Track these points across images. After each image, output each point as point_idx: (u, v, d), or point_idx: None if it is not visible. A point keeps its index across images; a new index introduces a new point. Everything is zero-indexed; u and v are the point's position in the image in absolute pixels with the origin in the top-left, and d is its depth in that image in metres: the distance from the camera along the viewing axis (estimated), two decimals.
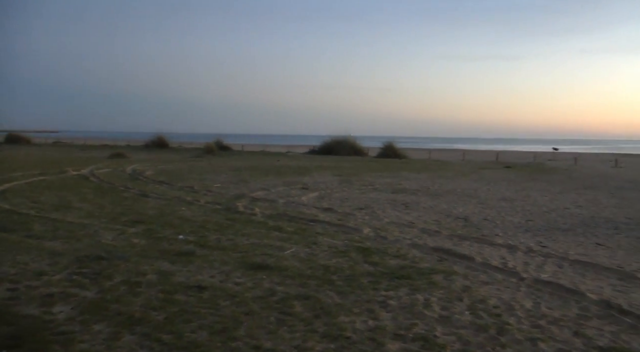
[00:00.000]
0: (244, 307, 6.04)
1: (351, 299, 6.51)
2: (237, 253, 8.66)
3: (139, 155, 40.07)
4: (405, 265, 8.24)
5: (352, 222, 12.10)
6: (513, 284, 7.55)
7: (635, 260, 9.55)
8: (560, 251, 10.01)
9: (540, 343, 5.39)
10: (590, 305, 6.74)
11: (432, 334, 5.47)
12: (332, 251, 9.09)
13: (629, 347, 5.43)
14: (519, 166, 37.32)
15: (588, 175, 30.29)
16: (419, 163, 38.73)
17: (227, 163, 32.94)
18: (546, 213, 14.97)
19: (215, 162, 33.58)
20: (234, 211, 13.04)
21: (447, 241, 10.43)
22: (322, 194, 17.52)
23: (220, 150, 50.33)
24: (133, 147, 56.63)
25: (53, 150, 49.83)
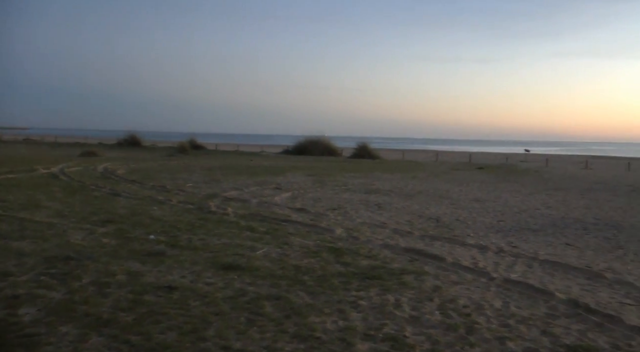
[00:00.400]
0: (214, 308, 6.02)
1: (322, 299, 6.52)
2: (209, 253, 8.62)
3: (111, 154, 39.74)
4: (377, 265, 8.28)
5: (324, 222, 12.12)
6: (483, 284, 7.63)
7: (602, 260, 9.72)
8: (530, 251, 10.15)
9: (508, 342, 5.46)
10: (559, 304, 6.85)
11: (402, 334, 5.51)
12: (304, 251, 9.09)
13: (595, 345, 5.53)
14: (491, 167, 37.69)
15: (559, 176, 30.70)
16: (392, 164, 38.91)
17: (200, 162, 32.79)
18: (517, 214, 15.15)
19: (189, 162, 33.41)
20: (206, 211, 12.98)
21: (419, 242, 10.49)
22: (295, 194, 17.52)
23: (193, 150, 50.11)
24: (105, 146, 56.06)
25: (23, 147, 49.16)
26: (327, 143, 50.44)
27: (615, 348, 5.48)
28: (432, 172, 30.29)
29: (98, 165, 26.66)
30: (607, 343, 5.60)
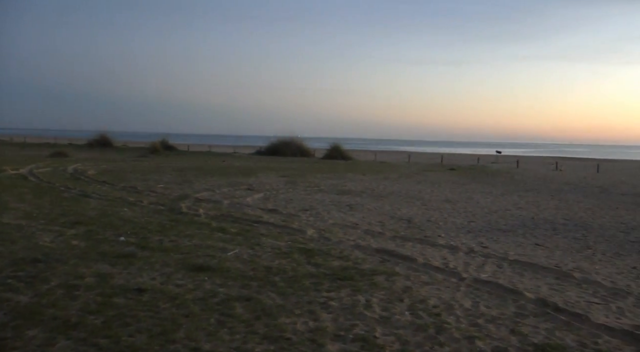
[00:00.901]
0: (184, 309, 5.98)
1: (293, 300, 6.52)
2: (179, 254, 8.57)
3: (81, 154, 39.29)
4: (348, 266, 8.30)
5: (296, 223, 12.12)
6: (453, 284, 7.70)
7: (571, 260, 9.88)
8: (500, 251, 10.27)
9: (477, 341, 5.52)
10: (527, 303, 6.94)
11: (372, 335, 5.53)
12: (275, 252, 9.08)
13: (563, 343, 5.61)
14: (463, 168, 37.99)
15: (529, 177, 31.04)
16: (364, 165, 39.02)
17: (172, 163, 32.56)
18: (488, 214, 15.31)
19: (160, 162, 33.16)
20: (178, 212, 12.90)
21: (390, 242, 10.55)
22: (267, 195, 17.49)
23: (165, 150, 49.75)
24: (75, 146, 55.38)
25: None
26: (299, 144, 50.44)
27: (582, 346, 5.57)
28: (404, 173, 30.43)
29: (68, 166, 26.34)
30: (575, 341, 5.69)
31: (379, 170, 32.70)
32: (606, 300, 7.38)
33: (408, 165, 41.47)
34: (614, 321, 6.47)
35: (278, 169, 29.47)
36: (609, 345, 5.65)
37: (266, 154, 49.15)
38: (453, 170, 35.34)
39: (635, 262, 9.91)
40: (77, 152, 41.67)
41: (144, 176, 22.84)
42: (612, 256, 10.44)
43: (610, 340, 5.80)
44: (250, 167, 30.93)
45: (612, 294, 7.69)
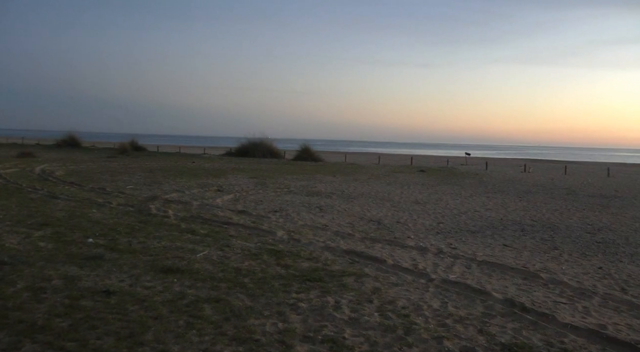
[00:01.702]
0: (153, 312, 5.93)
1: (262, 301, 6.51)
2: (148, 256, 8.50)
3: (49, 155, 38.64)
4: (317, 268, 8.31)
5: (266, 224, 12.09)
6: (422, 285, 7.76)
7: (539, 260, 10.02)
8: (468, 252, 10.37)
9: (445, 341, 5.57)
10: (495, 304, 7.03)
11: (341, 336, 5.54)
12: (245, 253, 9.06)
13: (529, 342, 5.70)
14: (432, 170, 38.22)
15: (498, 179, 31.36)
16: (334, 166, 39.06)
17: (141, 164, 32.24)
18: (457, 216, 15.43)
19: (129, 163, 32.79)
20: (147, 213, 12.78)
21: (360, 244, 10.58)
22: (237, 196, 17.43)
23: (134, 151, 49.23)
24: (43, 146, 54.60)
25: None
26: (269, 145, 50.26)
27: (548, 345, 5.66)
28: (374, 175, 30.54)
29: (35, 167, 25.93)
30: (541, 340, 5.78)
31: (349, 171, 32.77)
32: (572, 300, 7.51)
33: (378, 166, 41.61)
34: (580, 320, 6.59)
35: (248, 171, 29.38)
36: (575, 344, 5.74)
37: (236, 155, 48.88)
38: (423, 171, 35.56)
39: (601, 263, 10.09)
40: (44, 153, 40.99)
41: (113, 176, 22.59)
42: (578, 256, 10.62)
43: (576, 339, 5.90)
44: (220, 168, 30.78)
45: (578, 294, 7.83)
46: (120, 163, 32.63)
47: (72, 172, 23.96)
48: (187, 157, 44.10)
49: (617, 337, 6.00)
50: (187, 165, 33.05)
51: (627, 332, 6.24)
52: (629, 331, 6.32)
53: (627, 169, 56.07)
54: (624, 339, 5.96)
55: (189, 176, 24.17)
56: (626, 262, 10.27)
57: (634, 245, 12.02)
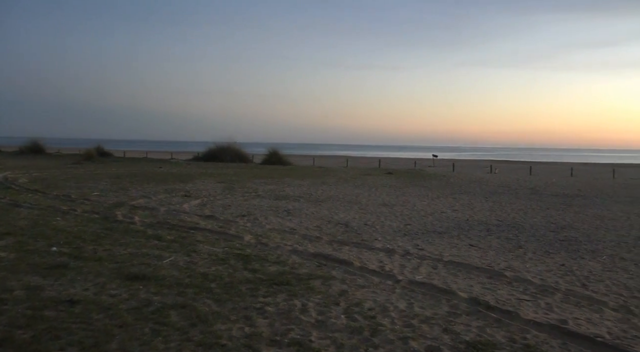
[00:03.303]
0: (118, 320, 5.87)
1: (229, 306, 6.50)
2: (114, 264, 8.40)
3: (11, 162, 37.95)
4: (285, 271, 8.32)
5: (233, 229, 12.07)
6: (389, 287, 7.82)
7: (503, 259, 10.19)
8: (435, 253, 10.48)
9: (411, 341, 5.63)
10: (460, 303, 7.14)
11: (308, 339, 5.57)
12: (212, 258, 9.03)
13: (493, 339, 5.80)
14: (400, 172, 38.49)
15: (464, 180, 31.72)
16: (303, 170, 39.09)
17: (107, 170, 31.85)
18: (424, 217, 15.58)
19: (95, 169, 32.38)
20: (112, 220, 12.65)
21: (328, 247, 10.62)
22: (204, 201, 17.34)
23: (100, 157, 48.62)
24: (5, 153, 53.61)
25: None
26: (237, 149, 50.12)
27: (511, 342, 5.77)
28: (342, 178, 30.63)
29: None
30: (505, 337, 5.89)
31: (317, 175, 32.82)
32: (535, 297, 7.67)
33: (346, 169, 41.76)
34: (542, 316, 6.73)
35: (216, 175, 29.23)
36: (537, 339, 5.87)
37: (204, 160, 48.66)
38: (390, 174, 35.78)
39: (563, 260, 10.30)
40: (6, 160, 40.29)
41: (78, 183, 22.27)
42: (542, 254, 10.82)
43: (538, 335, 6.03)
44: (188, 173, 30.58)
45: (541, 291, 7.99)
46: (86, 169, 32.21)
47: (36, 180, 23.56)
48: (154, 163, 43.70)
49: (577, 332, 6.17)
50: (154, 170, 32.76)
51: (586, 327, 6.41)
52: (589, 325, 6.51)
53: (589, 169, 57.22)
54: (584, 333, 6.14)
55: (156, 182, 23.96)
56: (587, 258, 10.50)
57: (595, 242, 12.28)
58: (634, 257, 10.75)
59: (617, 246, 11.87)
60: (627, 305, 7.45)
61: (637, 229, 14.38)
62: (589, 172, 47.60)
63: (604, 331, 6.30)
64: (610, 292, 8.13)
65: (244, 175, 30.29)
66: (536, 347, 5.66)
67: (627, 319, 6.84)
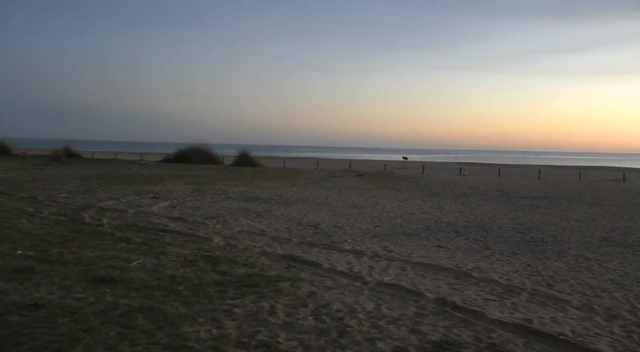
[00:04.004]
0: (84, 324, 5.81)
1: (196, 308, 6.48)
2: (81, 267, 8.31)
3: None
4: (253, 273, 8.32)
5: (202, 231, 12.02)
6: (357, 288, 7.86)
7: (471, 260, 10.30)
8: (404, 254, 10.55)
9: (378, 342, 5.68)
10: (428, 303, 7.21)
11: (275, 341, 5.58)
12: (181, 260, 8.99)
13: (459, 339, 5.89)
14: (370, 174, 38.60)
15: (434, 182, 31.92)
16: (273, 171, 39.01)
17: (75, 171, 31.44)
18: (393, 219, 15.66)
19: (63, 170, 31.92)
20: (80, 222, 12.51)
21: (297, 248, 10.63)
22: (173, 203, 17.23)
23: (68, 158, 47.86)
24: None
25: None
26: (208, 151, 49.76)
27: (477, 341, 5.86)
28: (312, 180, 30.65)
29: None
30: (470, 337, 5.98)
31: (287, 177, 32.79)
32: (502, 297, 7.79)
33: (316, 171, 41.77)
34: (508, 315, 6.84)
35: (185, 177, 29.03)
36: (502, 338, 5.97)
37: (174, 162, 48.23)
38: (361, 176, 35.87)
39: (529, 260, 10.44)
40: None
41: (45, 185, 21.96)
42: (509, 255, 10.96)
43: (504, 334, 6.13)
44: (157, 174, 30.33)
45: (508, 291, 8.11)
46: (53, 171, 31.73)
47: (1, 181, 23.16)
48: (123, 164, 43.24)
49: (541, 330, 6.30)
50: (123, 172, 32.43)
51: (550, 325, 6.55)
52: (553, 323, 6.64)
53: (557, 171, 58.02)
54: (548, 332, 6.26)
55: (124, 183, 23.73)
56: (553, 259, 10.67)
57: (560, 243, 12.48)
58: (598, 257, 10.96)
59: (582, 247, 12.08)
60: (590, 304, 7.60)
61: (601, 230, 14.65)
62: (556, 175, 48.26)
63: (567, 329, 6.43)
64: (574, 291, 8.29)
65: (214, 177, 30.14)
66: (501, 346, 5.75)
67: (590, 317, 6.99)
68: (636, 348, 5.98)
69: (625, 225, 15.84)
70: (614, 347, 5.95)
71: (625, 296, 8.12)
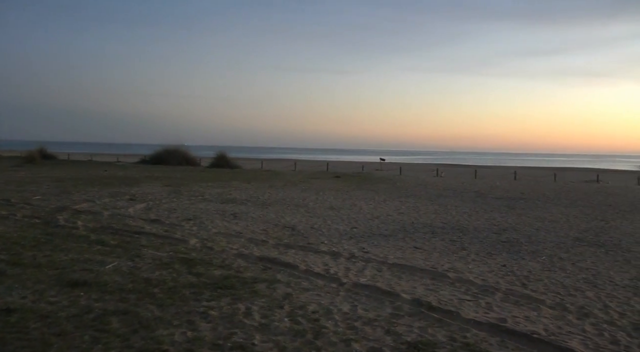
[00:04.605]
0: (56, 328, 5.74)
1: (171, 311, 6.44)
2: (54, 270, 8.21)
3: None
4: (230, 275, 8.30)
5: (179, 233, 11.95)
6: (333, 289, 7.88)
7: (447, 261, 10.37)
8: (380, 255, 10.59)
9: (354, 343, 5.69)
10: (403, 304, 7.25)
11: (251, 342, 5.57)
12: (156, 263, 8.92)
13: (434, 339, 5.93)
14: (347, 176, 38.66)
15: (411, 184, 32.07)
16: (250, 173, 38.93)
17: (50, 173, 31.06)
18: (370, 220, 15.71)
19: (37, 172, 31.52)
20: (54, 225, 12.36)
21: (273, 250, 10.62)
22: (149, 205, 17.10)
23: (43, 159, 47.31)
24: None
25: None
26: (185, 152, 49.53)
27: (451, 340, 5.91)
28: (290, 181, 30.62)
29: None
30: (445, 337, 6.02)
31: (264, 178, 32.74)
32: (477, 296, 7.87)
33: (294, 173, 41.78)
34: (483, 315, 6.90)
35: (162, 178, 28.82)
36: (477, 338, 6.03)
37: (151, 163, 47.90)
38: (338, 177, 35.91)
39: (504, 261, 10.55)
40: None
41: (19, 187, 21.64)
42: (484, 255, 11.06)
43: (478, 333, 6.19)
44: (134, 176, 30.07)
45: (483, 291, 8.19)
46: (28, 172, 31.31)
47: None
48: (99, 166, 42.83)
49: (515, 329, 6.38)
50: (99, 174, 32.10)
51: (524, 324, 6.63)
52: (527, 322, 6.73)
53: (532, 172, 58.71)
54: (521, 330, 6.35)
55: (100, 185, 23.49)
56: (528, 259, 10.79)
57: (535, 243, 12.63)
58: (572, 257, 11.11)
59: (556, 247, 12.23)
60: (564, 302, 7.72)
61: (575, 230, 14.84)
62: (532, 176, 48.80)
63: (541, 328, 6.51)
64: (548, 290, 8.41)
65: (191, 178, 29.97)
66: (475, 345, 5.80)
67: (563, 316, 7.10)
68: (607, 345, 6.09)
69: (598, 225, 16.07)
70: (586, 345, 6.05)
71: (597, 295, 8.25)
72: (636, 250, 12.15)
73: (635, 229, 15.57)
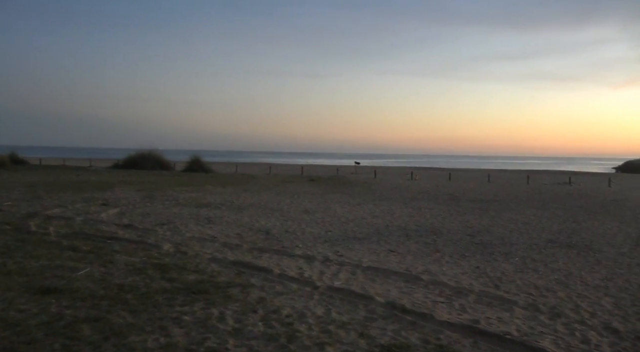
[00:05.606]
0: (26, 336, 5.65)
1: (144, 317, 6.38)
2: (24, 277, 8.08)
3: None
4: (203, 279, 8.25)
5: (152, 238, 11.85)
6: (307, 293, 7.87)
7: (421, 263, 10.42)
8: (355, 258, 10.61)
9: (327, 347, 5.69)
10: (377, 307, 7.27)
11: (224, 347, 5.54)
12: (129, 269, 8.83)
13: (407, 342, 5.95)
14: (322, 179, 38.71)
15: (386, 187, 32.20)
16: (225, 177, 38.78)
17: (21, 178, 30.61)
18: (344, 224, 15.73)
19: (8, 178, 31.06)
20: (25, 231, 12.18)
21: (248, 254, 10.58)
22: (123, 210, 16.94)
23: (14, 164, 46.71)
24: None
25: None
26: (158, 157, 49.23)
27: (425, 343, 5.94)
28: (264, 185, 30.56)
29: None
30: (419, 339, 6.05)
31: (239, 182, 32.64)
32: (450, 298, 7.92)
33: (269, 177, 41.68)
34: (456, 317, 6.95)
35: (136, 183, 28.58)
36: (450, 339, 6.07)
37: (124, 168, 47.51)
38: (313, 181, 35.95)
39: (478, 263, 10.64)
40: None
41: None
42: (458, 257, 11.13)
43: (451, 335, 6.23)
44: (107, 181, 29.78)
45: (456, 293, 8.25)
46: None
47: None
48: (71, 170, 42.35)
49: (488, 330, 6.44)
50: (72, 178, 31.75)
51: (497, 325, 6.71)
52: (499, 323, 6.80)
53: (506, 175, 59.28)
54: (494, 331, 6.41)
55: (73, 190, 23.22)
56: (501, 261, 10.89)
57: (508, 245, 12.75)
58: (544, 258, 11.24)
59: (529, 248, 12.36)
60: (536, 303, 7.81)
61: (547, 232, 15.02)
62: (505, 179, 49.26)
63: (513, 328, 6.59)
64: (521, 291, 8.50)
65: (165, 183, 29.77)
66: (449, 346, 5.84)
67: (535, 317, 7.19)
68: (578, 345, 6.17)
69: (570, 227, 16.28)
70: (557, 344, 6.13)
71: (569, 295, 8.36)
72: (607, 251, 12.34)
73: (606, 230, 15.80)
